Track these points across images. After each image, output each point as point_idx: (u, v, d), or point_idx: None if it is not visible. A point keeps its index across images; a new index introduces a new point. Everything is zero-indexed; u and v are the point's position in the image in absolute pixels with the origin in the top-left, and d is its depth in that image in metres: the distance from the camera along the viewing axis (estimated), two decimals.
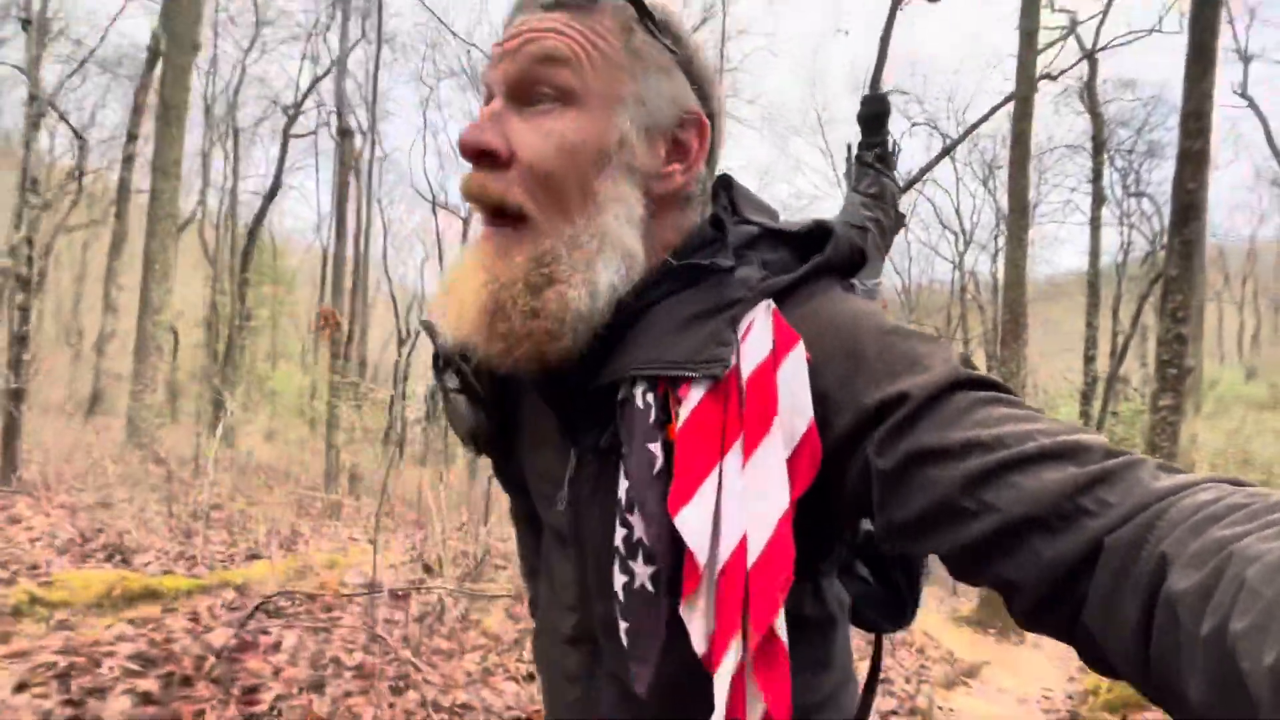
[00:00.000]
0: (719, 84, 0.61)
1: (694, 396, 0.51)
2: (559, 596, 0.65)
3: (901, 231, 1.30)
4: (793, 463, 0.48)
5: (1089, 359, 13.62)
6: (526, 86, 0.54)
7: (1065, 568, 0.38)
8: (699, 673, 0.50)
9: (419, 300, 25.34)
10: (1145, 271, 16.11)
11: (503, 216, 0.55)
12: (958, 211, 20.52)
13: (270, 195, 16.84)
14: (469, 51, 19.67)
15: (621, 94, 0.54)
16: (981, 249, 20.40)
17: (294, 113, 17.76)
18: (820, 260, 0.56)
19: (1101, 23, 14.19)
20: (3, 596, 2.68)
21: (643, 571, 0.51)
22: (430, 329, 0.63)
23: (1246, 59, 13.71)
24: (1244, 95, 13.41)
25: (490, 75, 0.57)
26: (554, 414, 0.60)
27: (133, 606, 3.26)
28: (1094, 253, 15.32)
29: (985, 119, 14.28)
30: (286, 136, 17.34)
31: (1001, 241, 18.50)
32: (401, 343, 24.84)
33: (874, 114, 1.24)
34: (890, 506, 0.46)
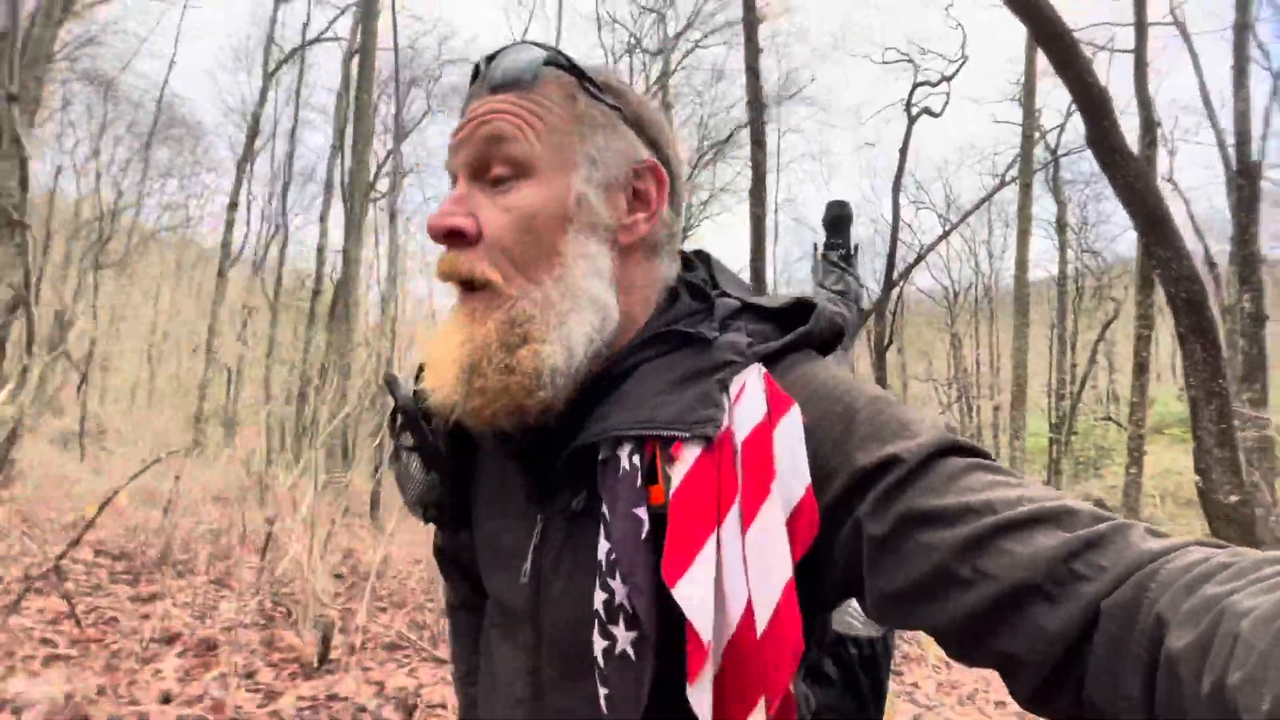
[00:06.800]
0: (670, 131, 0.63)
1: (687, 459, 0.51)
2: (507, 690, 0.63)
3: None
4: (791, 526, 0.49)
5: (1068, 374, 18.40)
6: (484, 167, 0.58)
7: (1067, 639, 0.38)
8: None
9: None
10: (1096, 310, 21.20)
11: (473, 289, 0.57)
12: (946, 268, 26.38)
13: None
14: None
15: (573, 157, 0.57)
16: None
17: None
18: (804, 330, 0.59)
19: (1060, 132, 19.33)
20: None
21: (624, 637, 0.50)
22: (392, 385, 0.65)
23: (1171, 152, 18.32)
24: (1170, 180, 17.92)
25: (452, 163, 0.60)
26: (524, 477, 0.61)
27: None
28: (1061, 306, 20.21)
29: (979, 206, 18.89)
30: None
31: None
32: None
33: (837, 217, 1.29)
34: (882, 573, 0.46)
